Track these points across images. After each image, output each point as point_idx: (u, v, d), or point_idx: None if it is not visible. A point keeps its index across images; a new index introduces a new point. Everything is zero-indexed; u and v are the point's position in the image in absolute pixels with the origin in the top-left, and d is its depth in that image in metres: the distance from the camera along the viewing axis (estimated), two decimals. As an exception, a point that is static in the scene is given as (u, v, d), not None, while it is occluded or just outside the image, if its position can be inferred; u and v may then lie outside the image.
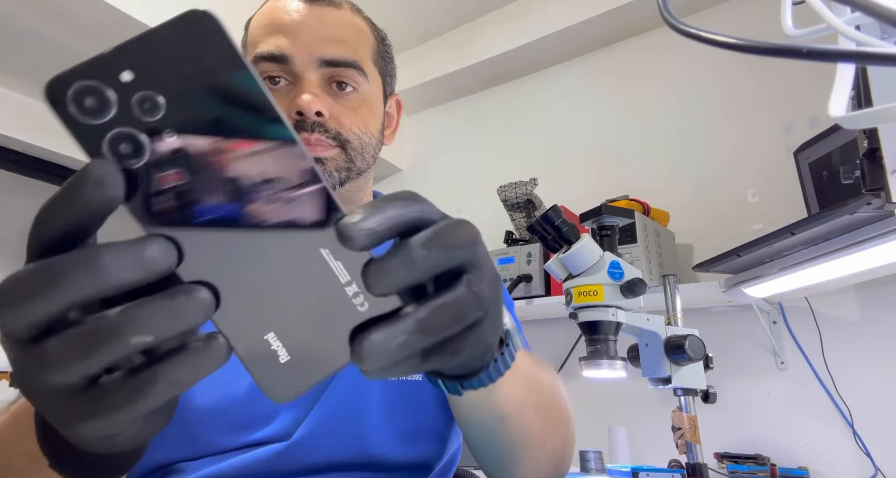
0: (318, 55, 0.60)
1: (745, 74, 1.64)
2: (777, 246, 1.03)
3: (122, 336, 0.20)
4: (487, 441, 0.50)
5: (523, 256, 1.59)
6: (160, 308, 0.21)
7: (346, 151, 0.61)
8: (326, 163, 0.60)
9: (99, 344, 0.20)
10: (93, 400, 0.21)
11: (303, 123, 0.58)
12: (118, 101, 0.21)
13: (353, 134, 0.62)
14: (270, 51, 0.60)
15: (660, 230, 1.50)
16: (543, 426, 0.50)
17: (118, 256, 0.20)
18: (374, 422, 0.57)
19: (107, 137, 0.21)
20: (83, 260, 0.20)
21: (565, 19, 1.87)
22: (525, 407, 0.47)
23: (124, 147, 0.21)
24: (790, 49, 0.25)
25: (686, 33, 0.29)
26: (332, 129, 0.60)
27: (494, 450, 0.50)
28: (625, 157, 1.82)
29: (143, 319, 0.20)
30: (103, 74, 0.21)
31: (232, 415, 0.53)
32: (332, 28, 0.63)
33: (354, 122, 0.62)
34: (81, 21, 1.50)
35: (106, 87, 0.21)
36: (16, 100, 1.92)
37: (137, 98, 0.21)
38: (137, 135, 0.21)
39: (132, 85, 0.21)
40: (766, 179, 1.55)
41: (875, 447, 1.29)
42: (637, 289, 0.83)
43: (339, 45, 0.62)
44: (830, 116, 0.31)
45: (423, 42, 2.20)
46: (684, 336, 0.91)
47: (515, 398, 0.45)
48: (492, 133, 2.15)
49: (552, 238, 0.86)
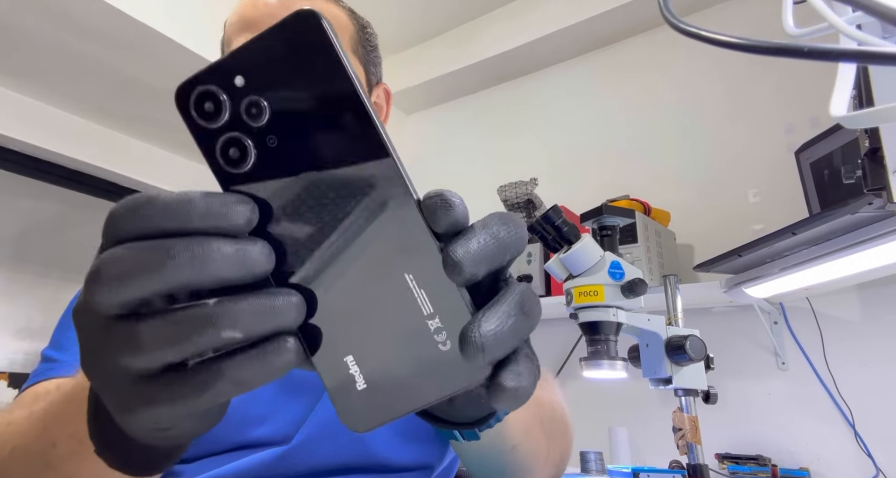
0: None
1: (746, 74, 1.64)
2: (778, 246, 1.03)
3: (216, 328, 0.20)
4: (495, 473, 0.48)
5: (523, 256, 1.59)
6: (258, 306, 0.21)
7: None
8: None
9: (193, 332, 0.20)
10: (160, 389, 0.21)
11: None
12: (230, 106, 0.21)
13: None
14: (233, 46, 0.59)
15: (661, 230, 1.50)
16: (547, 443, 0.50)
17: (225, 251, 0.21)
18: None
19: (219, 141, 0.22)
20: (193, 248, 0.20)
21: (566, 18, 1.86)
22: (531, 431, 0.46)
23: (233, 152, 0.22)
24: (791, 48, 0.25)
25: (687, 33, 0.29)
26: None
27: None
28: (625, 156, 1.82)
29: (239, 314, 0.20)
30: (219, 80, 0.21)
31: (229, 414, 0.52)
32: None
33: None
34: (82, 21, 1.50)
35: (221, 92, 0.21)
36: (16, 100, 1.92)
37: (246, 103, 0.21)
38: (244, 140, 0.21)
39: (243, 89, 0.21)
40: (767, 179, 1.54)
41: (876, 448, 1.29)
42: (638, 289, 0.83)
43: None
44: (832, 116, 0.31)
45: (423, 42, 2.20)
46: (685, 336, 0.91)
47: (523, 425, 0.44)
48: (492, 133, 2.15)
49: (552, 238, 0.86)
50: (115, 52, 1.64)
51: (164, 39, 1.55)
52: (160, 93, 1.88)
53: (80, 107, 2.02)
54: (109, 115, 2.09)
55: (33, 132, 1.92)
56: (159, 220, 0.21)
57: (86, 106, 2.01)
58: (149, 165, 2.28)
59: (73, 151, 2.03)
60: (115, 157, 2.16)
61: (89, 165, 2.10)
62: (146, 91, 1.88)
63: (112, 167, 2.15)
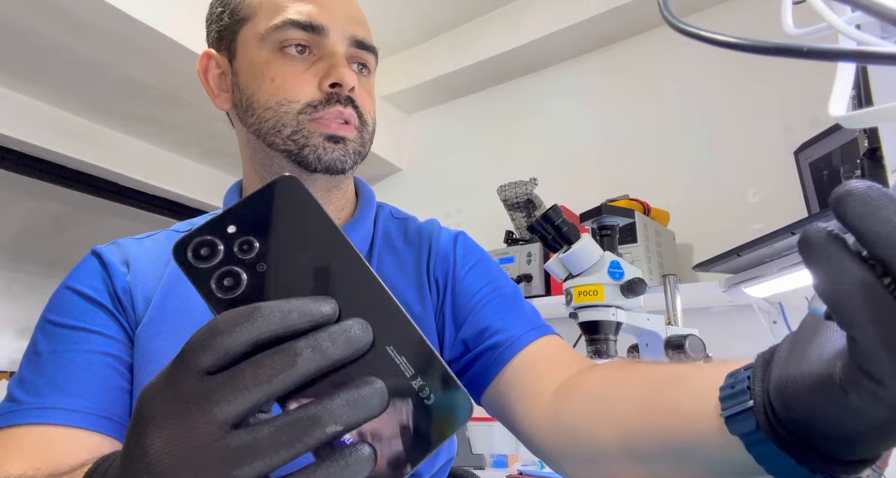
0: (350, 32, 0.60)
1: (745, 74, 1.64)
2: (777, 246, 1.03)
3: (321, 426, 0.22)
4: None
5: (523, 256, 1.59)
6: (352, 401, 0.23)
7: (362, 133, 0.61)
8: (348, 143, 0.59)
9: (303, 434, 0.22)
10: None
11: (336, 96, 0.57)
12: (224, 247, 0.26)
13: (370, 117, 0.62)
14: (309, 20, 0.57)
15: (660, 230, 1.50)
16: None
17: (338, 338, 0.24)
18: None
19: (215, 274, 0.25)
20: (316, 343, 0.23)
21: (565, 19, 1.86)
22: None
23: (228, 281, 0.25)
24: (791, 48, 0.25)
25: (686, 33, 0.29)
26: (359, 106, 0.59)
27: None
28: (625, 156, 1.82)
29: (339, 410, 0.22)
30: (215, 232, 0.26)
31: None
32: (356, 10, 0.62)
33: (371, 106, 0.62)
34: (82, 21, 1.50)
35: (217, 240, 0.26)
36: (16, 100, 1.92)
37: (238, 242, 0.26)
38: (238, 270, 0.25)
39: (235, 235, 0.26)
40: (766, 179, 1.55)
41: (875, 447, 1.29)
42: (637, 289, 0.83)
43: (364, 29, 0.62)
44: (831, 116, 0.31)
45: (423, 42, 2.20)
46: (684, 336, 0.91)
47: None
48: (492, 133, 2.15)
49: (552, 238, 0.86)
50: (116, 52, 1.64)
51: (164, 39, 1.55)
52: (160, 93, 1.88)
53: (80, 107, 2.02)
54: (109, 116, 2.09)
55: (33, 132, 1.92)
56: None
57: (86, 106, 2.01)
58: (149, 164, 2.28)
59: (73, 151, 2.03)
60: (115, 157, 2.16)
61: (89, 165, 2.10)
62: (146, 91, 1.88)
63: (112, 167, 2.15)
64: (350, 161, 0.59)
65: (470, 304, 0.61)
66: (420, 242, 0.66)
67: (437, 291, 0.63)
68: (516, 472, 1.39)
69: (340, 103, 0.57)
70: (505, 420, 0.56)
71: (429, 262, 0.64)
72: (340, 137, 0.58)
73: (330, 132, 0.57)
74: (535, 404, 0.51)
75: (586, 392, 0.47)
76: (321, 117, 0.57)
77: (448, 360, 0.61)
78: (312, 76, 0.58)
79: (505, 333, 0.57)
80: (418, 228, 0.68)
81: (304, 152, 0.57)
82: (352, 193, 0.69)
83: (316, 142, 0.57)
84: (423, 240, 0.66)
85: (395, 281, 0.63)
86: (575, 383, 0.50)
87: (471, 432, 1.57)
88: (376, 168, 2.31)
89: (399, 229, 0.69)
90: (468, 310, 0.61)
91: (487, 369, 0.57)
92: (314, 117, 0.57)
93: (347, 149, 0.59)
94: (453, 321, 0.61)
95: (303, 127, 0.57)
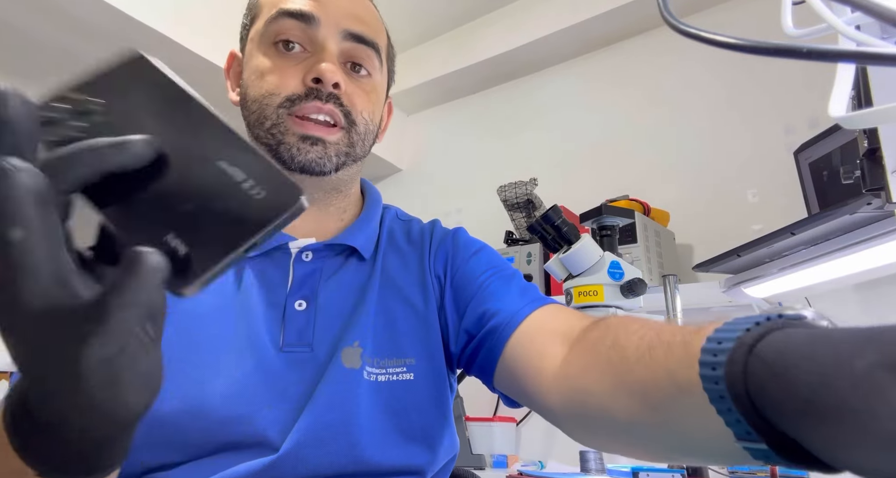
0: (344, 26, 0.59)
1: (745, 75, 1.64)
2: (777, 246, 1.03)
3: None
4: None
5: (523, 256, 1.59)
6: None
7: (350, 134, 0.60)
8: (329, 145, 0.58)
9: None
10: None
11: (317, 92, 0.57)
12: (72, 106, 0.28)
13: (361, 117, 0.61)
14: (300, 8, 0.58)
15: (660, 230, 1.50)
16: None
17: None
18: (365, 426, 0.54)
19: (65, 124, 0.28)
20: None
21: (565, 19, 1.87)
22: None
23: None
24: (790, 49, 0.25)
25: (686, 33, 0.29)
26: (345, 105, 0.59)
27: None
28: (625, 157, 1.82)
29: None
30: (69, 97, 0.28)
31: (207, 413, 0.50)
32: (359, 6, 0.62)
33: (365, 105, 0.61)
34: (82, 21, 1.50)
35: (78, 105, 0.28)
36: (16, 100, 1.92)
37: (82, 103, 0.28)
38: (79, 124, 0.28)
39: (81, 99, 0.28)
40: (766, 179, 1.55)
41: (875, 447, 1.29)
42: (637, 289, 0.83)
43: (364, 25, 0.61)
44: (831, 116, 0.31)
45: (423, 42, 2.20)
46: (684, 336, 0.91)
47: None
48: (492, 133, 2.15)
49: (552, 238, 0.86)
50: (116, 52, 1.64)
51: (165, 40, 1.55)
52: (160, 93, 1.88)
53: (80, 107, 2.02)
54: (109, 115, 2.08)
55: (33, 132, 1.92)
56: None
57: (86, 106, 2.01)
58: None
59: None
60: (114, 157, 2.16)
61: (89, 165, 2.10)
62: (146, 91, 1.88)
63: (112, 167, 2.14)
64: (331, 163, 0.58)
65: (469, 290, 0.61)
66: (422, 242, 0.67)
67: (438, 286, 0.64)
68: (516, 472, 1.39)
69: (320, 100, 0.57)
70: (520, 398, 0.56)
71: (429, 259, 0.65)
72: (317, 139, 0.57)
73: (305, 133, 0.57)
74: (542, 378, 0.50)
75: (593, 351, 0.45)
76: (298, 112, 0.57)
77: (455, 353, 0.61)
78: (299, 71, 0.58)
79: (501, 315, 0.57)
80: (420, 229, 0.70)
81: (280, 149, 0.57)
82: (356, 195, 0.69)
83: (290, 140, 0.57)
84: (424, 239, 0.68)
85: (400, 280, 0.63)
86: (579, 347, 0.48)
87: (471, 433, 1.56)
88: (376, 168, 2.31)
89: (403, 230, 0.69)
90: (468, 297, 0.61)
91: (490, 353, 0.56)
92: (292, 111, 0.57)
93: (328, 151, 0.58)
94: (455, 312, 0.62)
95: (282, 121, 0.57)
